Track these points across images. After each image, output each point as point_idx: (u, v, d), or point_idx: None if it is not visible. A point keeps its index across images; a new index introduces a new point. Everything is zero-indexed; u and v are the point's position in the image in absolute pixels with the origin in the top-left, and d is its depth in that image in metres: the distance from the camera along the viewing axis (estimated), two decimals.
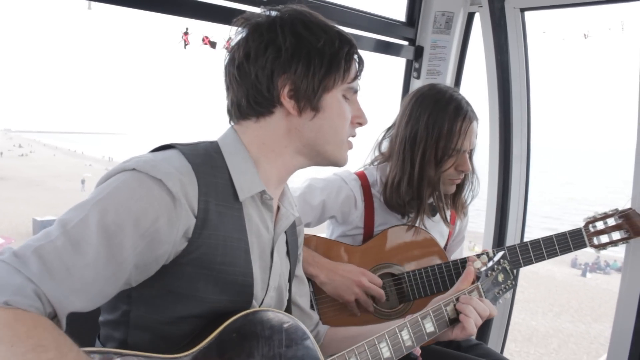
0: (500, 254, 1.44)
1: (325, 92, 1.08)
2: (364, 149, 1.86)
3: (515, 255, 1.63)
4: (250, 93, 1.07)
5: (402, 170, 1.70)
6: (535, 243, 1.64)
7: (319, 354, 1.10)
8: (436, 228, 1.83)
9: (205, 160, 1.03)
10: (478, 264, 1.43)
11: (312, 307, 1.65)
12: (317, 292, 1.68)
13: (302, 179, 1.80)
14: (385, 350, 1.16)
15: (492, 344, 2.45)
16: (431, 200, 1.76)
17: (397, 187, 1.70)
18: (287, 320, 1.06)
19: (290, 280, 1.26)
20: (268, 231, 1.13)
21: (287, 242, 1.24)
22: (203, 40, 2.16)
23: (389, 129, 1.83)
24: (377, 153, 1.84)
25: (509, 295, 1.42)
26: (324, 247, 1.71)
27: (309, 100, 1.06)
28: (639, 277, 1.87)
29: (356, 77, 1.13)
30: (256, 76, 1.05)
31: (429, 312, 1.25)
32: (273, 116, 1.08)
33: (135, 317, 1.01)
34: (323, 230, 1.92)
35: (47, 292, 0.83)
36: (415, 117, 1.69)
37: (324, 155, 1.13)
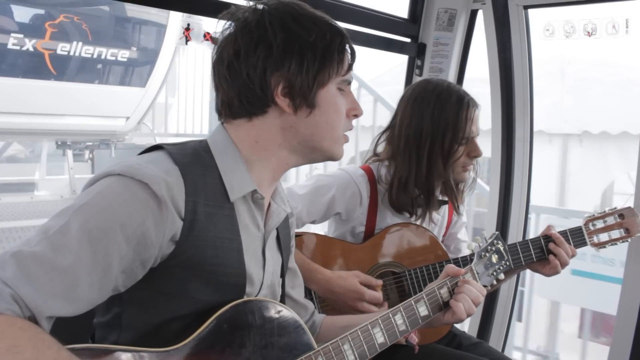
0: (494, 234, 1.43)
1: (321, 87, 1.05)
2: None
3: (516, 253, 1.61)
4: (242, 93, 1.03)
5: (409, 169, 1.69)
6: (536, 240, 1.63)
7: (312, 341, 1.09)
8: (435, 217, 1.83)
9: (194, 160, 1.00)
10: (472, 245, 1.43)
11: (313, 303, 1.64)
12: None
13: (304, 173, 1.79)
14: (379, 336, 1.14)
15: (494, 342, 2.45)
16: (437, 194, 1.75)
17: (405, 186, 1.69)
18: (279, 308, 1.06)
19: (283, 275, 1.24)
20: (259, 229, 1.11)
21: (278, 237, 1.22)
22: (205, 36, 2.16)
23: (384, 131, 1.81)
24: (372, 154, 1.82)
25: (502, 276, 1.41)
26: (324, 245, 1.70)
27: (304, 97, 1.03)
28: None
29: (349, 68, 1.09)
30: (248, 75, 1.01)
31: (422, 295, 1.23)
32: (267, 115, 1.05)
33: (127, 319, 1.00)
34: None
35: (23, 296, 0.82)
36: (418, 115, 1.69)
37: (320, 152, 1.10)
